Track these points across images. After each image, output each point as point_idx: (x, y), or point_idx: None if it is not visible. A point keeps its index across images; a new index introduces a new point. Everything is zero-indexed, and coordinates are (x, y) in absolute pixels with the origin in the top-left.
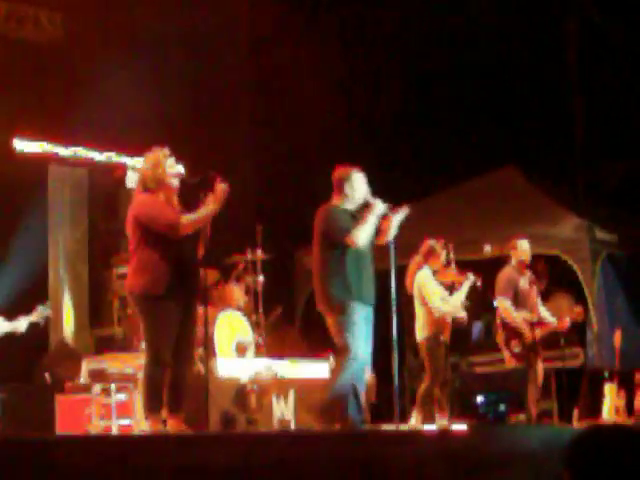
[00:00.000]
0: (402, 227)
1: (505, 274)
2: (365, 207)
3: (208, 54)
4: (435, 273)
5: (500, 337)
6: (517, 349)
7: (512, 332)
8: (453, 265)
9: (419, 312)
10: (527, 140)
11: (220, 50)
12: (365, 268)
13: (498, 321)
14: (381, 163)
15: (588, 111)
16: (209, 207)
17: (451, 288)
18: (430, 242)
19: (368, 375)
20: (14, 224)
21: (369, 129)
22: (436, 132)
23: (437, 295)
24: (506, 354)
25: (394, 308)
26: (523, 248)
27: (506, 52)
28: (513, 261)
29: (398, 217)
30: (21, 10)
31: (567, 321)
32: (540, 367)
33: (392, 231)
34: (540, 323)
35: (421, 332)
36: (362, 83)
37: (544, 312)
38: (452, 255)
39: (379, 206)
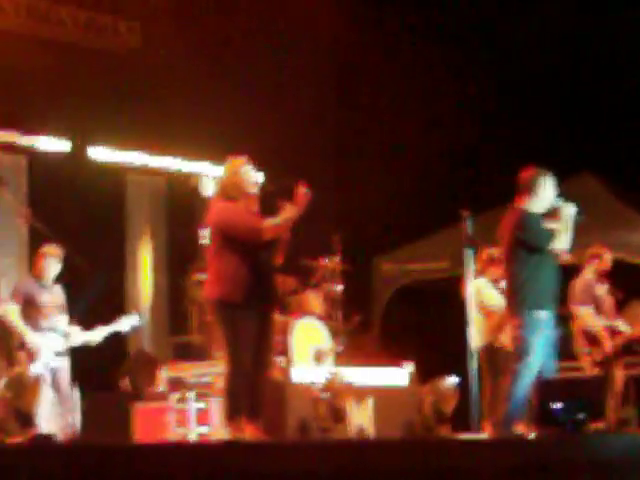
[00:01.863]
0: (478, 236)
1: (583, 282)
2: (555, 211)
3: (291, 61)
4: (495, 282)
5: (580, 345)
6: (598, 357)
7: (593, 340)
8: None
9: (475, 319)
10: (603, 145)
11: (304, 57)
12: (554, 274)
13: (576, 329)
14: (461, 168)
15: None
16: (290, 212)
17: None
18: (490, 251)
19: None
20: (93, 234)
21: (448, 137)
22: (512, 139)
23: (494, 299)
24: (586, 362)
25: (469, 316)
26: (607, 259)
27: (581, 55)
28: (591, 269)
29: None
30: (100, 19)
31: (629, 330)
32: (620, 375)
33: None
34: (616, 332)
35: (478, 340)
36: (443, 90)
37: (618, 321)
38: None
39: (570, 208)
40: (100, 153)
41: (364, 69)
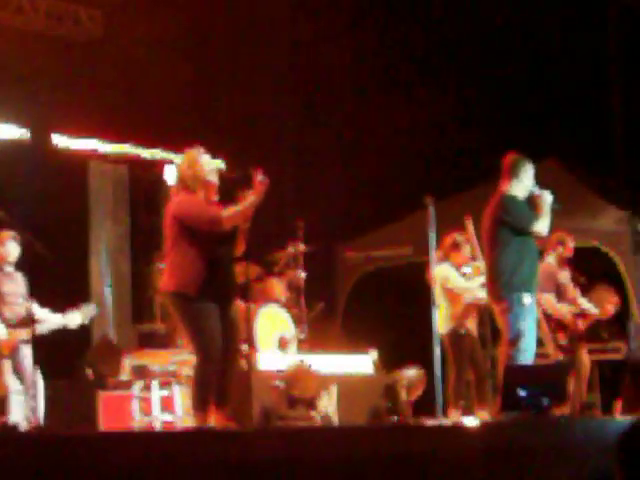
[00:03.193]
0: (440, 222)
1: (546, 269)
2: (533, 198)
3: (247, 49)
4: (459, 266)
5: (544, 330)
6: (563, 341)
7: (557, 325)
8: (480, 259)
9: (440, 306)
10: (568, 132)
11: (264, 40)
12: (536, 257)
13: (540, 315)
14: (422, 157)
15: (629, 101)
16: (249, 200)
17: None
18: (454, 236)
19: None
20: (55, 222)
21: (411, 122)
22: (477, 126)
23: (462, 282)
24: (551, 347)
25: (434, 302)
26: (570, 245)
27: (545, 42)
28: (554, 255)
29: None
30: (61, 7)
31: (610, 309)
32: (586, 358)
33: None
34: (583, 315)
35: (442, 326)
36: (398, 77)
37: (585, 303)
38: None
39: (548, 196)
40: (62, 141)
41: (321, 55)
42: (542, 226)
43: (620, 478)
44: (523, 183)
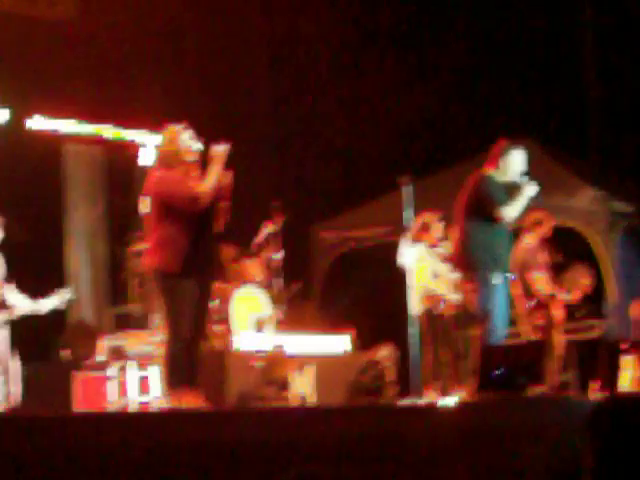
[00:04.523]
0: (419, 202)
1: (529, 248)
2: (516, 186)
3: (224, 24)
4: (431, 247)
5: (520, 310)
6: (541, 321)
7: (537, 305)
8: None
9: (414, 287)
10: (543, 111)
11: (238, 20)
12: (506, 239)
13: (518, 293)
14: (398, 136)
15: (606, 81)
16: (211, 170)
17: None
18: (424, 217)
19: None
20: (30, 203)
21: (386, 98)
22: (452, 106)
23: (428, 273)
24: (526, 326)
25: (408, 282)
26: (549, 225)
27: (521, 21)
28: (533, 235)
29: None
30: None
31: (580, 294)
32: (560, 339)
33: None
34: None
35: (416, 306)
36: (373, 57)
37: (560, 292)
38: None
39: (531, 188)
40: (35, 122)
41: (300, 29)
42: (509, 212)
43: (589, 457)
44: (506, 170)
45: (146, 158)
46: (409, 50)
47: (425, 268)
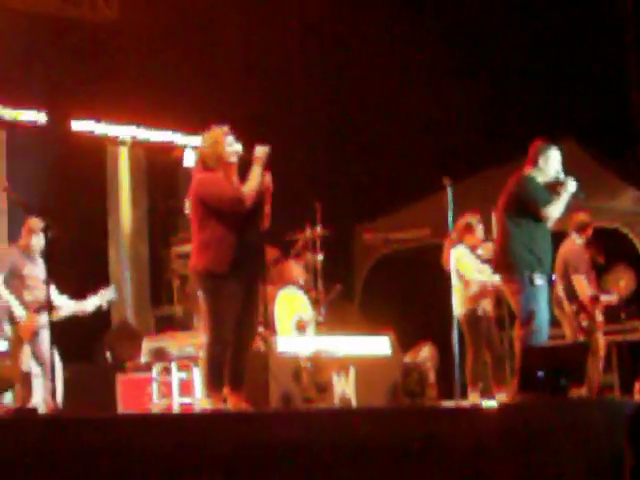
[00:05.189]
0: (458, 204)
1: (576, 250)
2: (557, 184)
3: (272, 25)
4: (473, 249)
5: (566, 311)
6: (585, 323)
7: (580, 306)
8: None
9: (456, 288)
10: (585, 112)
11: (286, 20)
12: (549, 239)
13: (562, 295)
14: (440, 136)
15: None
16: (254, 171)
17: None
18: (466, 218)
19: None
20: (74, 205)
21: (430, 98)
22: (494, 106)
23: (472, 268)
24: (571, 328)
25: (452, 284)
26: (592, 227)
27: (563, 22)
28: (581, 237)
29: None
30: None
31: (615, 297)
32: (602, 340)
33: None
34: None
35: (459, 308)
36: (425, 54)
37: (603, 295)
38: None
39: (572, 184)
40: (78, 124)
41: (350, 37)
42: (553, 211)
43: (630, 456)
44: (546, 169)
45: (190, 160)
46: (453, 48)
47: (468, 266)
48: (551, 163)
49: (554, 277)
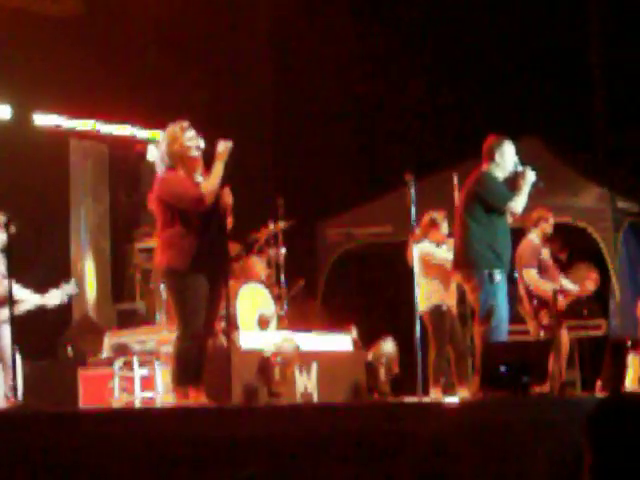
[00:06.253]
0: (421, 200)
1: (529, 245)
2: (516, 176)
3: (229, 21)
4: (438, 244)
5: (526, 308)
6: (546, 320)
7: (540, 303)
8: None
9: (420, 284)
10: (547, 110)
11: (242, 15)
12: (508, 236)
13: (522, 292)
14: (402, 135)
15: (609, 78)
16: (216, 167)
17: None
18: (431, 214)
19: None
20: (36, 199)
21: (390, 99)
22: (455, 103)
23: (444, 253)
24: (533, 325)
25: (416, 280)
26: (551, 222)
27: (524, 19)
28: (537, 232)
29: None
30: None
31: (588, 287)
32: (565, 337)
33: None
34: (563, 292)
35: (423, 303)
36: (381, 53)
37: (565, 281)
38: None
39: (530, 174)
40: (42, 118)
41: (302, 30)
42: (517, 204)
43: (589, 455)
44: (503, 163)
45: (152, 154)
46: (416, 47)
47: (435, 251)
48: (507, 156)
49: (515, 274)
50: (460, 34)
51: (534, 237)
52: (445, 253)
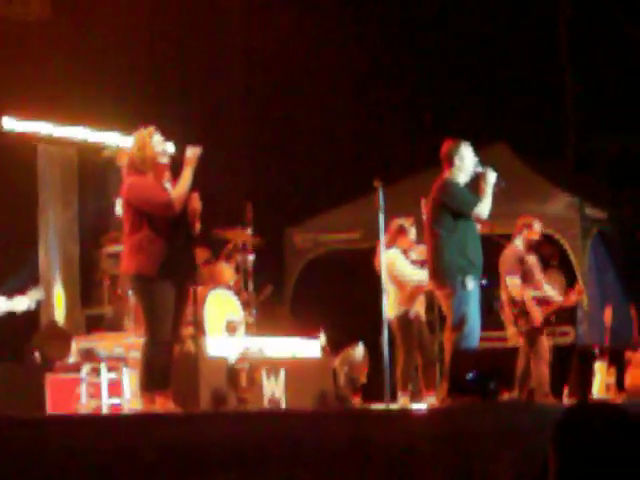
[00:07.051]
0: (389, 207)
1: (513, 252)
2: (478, 178)
3: (200, 28)
4: (404, 252)
5: (507, 315)
6: (524, 328)
7: (521, 311)
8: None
9: (389, 290)
10: (517, 117)
11: (212, 22)
12: (478, 241)
13: (504, 298)
14: (372, 140)
15: (579, 87)
16: (184, 173)
17: (423, 266)
18: (398, 221)
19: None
20: (3, 204)
21: (360, 106)
22: (424, 109)
23: (407, 269)
24: (512, 332)
25: (384, 286)
26: (537, 229)
27: (494, 26)
28: (521, 239)
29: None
30: None
31: (573, 298)
32: (546, 343)
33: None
34: (546, 301)
35: (391, 311)
36: (351, 60)
37: (550, 290)
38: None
39: (491, 174)
40: (9, 123)
41: (275, 37)
42: (483, 209)
43: (554, 462)
44: (463, 167)
45: (121, 159)
46: (386, 55)
47: (405, 267)
48: (467, 159)
49: (484, 281)
50: (431, 41)
51: (518, 244)
52: (417, 274)
